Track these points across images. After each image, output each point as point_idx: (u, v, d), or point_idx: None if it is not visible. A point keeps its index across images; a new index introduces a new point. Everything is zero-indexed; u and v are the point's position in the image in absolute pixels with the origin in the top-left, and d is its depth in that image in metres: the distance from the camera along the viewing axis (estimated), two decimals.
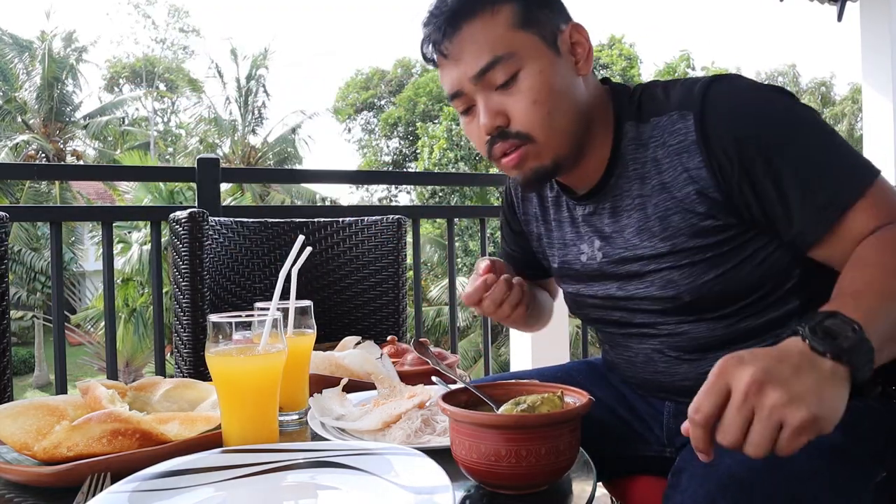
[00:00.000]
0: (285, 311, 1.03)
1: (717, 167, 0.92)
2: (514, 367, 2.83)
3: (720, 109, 0.93)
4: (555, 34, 1.00)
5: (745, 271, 0.96)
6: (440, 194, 19.64)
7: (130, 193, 15.58)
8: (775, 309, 0.98)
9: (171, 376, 1.52)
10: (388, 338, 1.53)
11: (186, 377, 1.57)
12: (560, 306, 1.33)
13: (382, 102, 27.70)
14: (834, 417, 0.67)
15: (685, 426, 0.70)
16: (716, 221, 0.95)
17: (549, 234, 1.19)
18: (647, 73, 22.87)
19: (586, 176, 1.06)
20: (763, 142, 0.90)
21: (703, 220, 0.95)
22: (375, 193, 26.05)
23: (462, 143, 19.74)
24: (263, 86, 23.91)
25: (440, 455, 0.78)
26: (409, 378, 1.20)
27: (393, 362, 1.32)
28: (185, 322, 1.73)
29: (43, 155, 20.32)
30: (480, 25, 0.98)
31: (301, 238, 1.00)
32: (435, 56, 1.02)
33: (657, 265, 1.00)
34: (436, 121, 22.06)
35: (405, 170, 25.30)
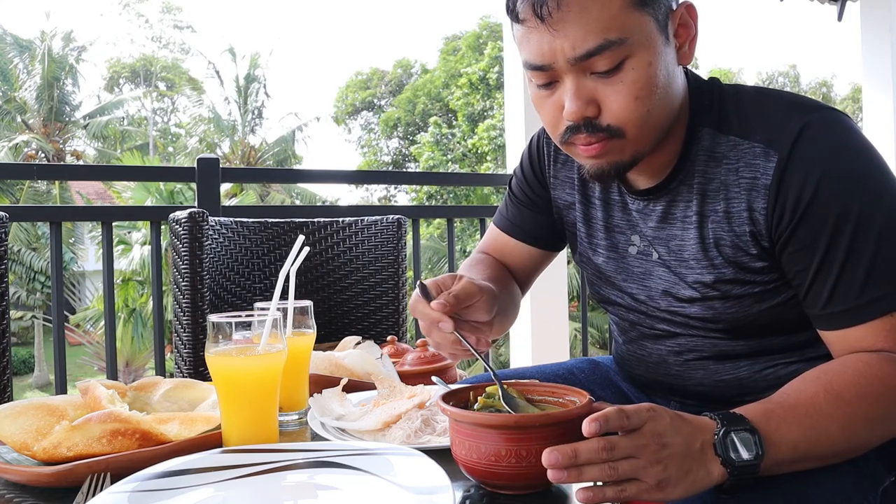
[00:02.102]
0: (285, 311, 1.03)
1: (779, 214, 0.87)
2: (514, 367, 2.83)
3: (808, 157, 0.85)
4: (667, 15, 0.88)
5: (790, 306, 0.93)
6: (436, 197, 19.70)
7: (128, 193, 15.58)
8: (808, 332, 0.94)
9: (171, 376, 1.52)
10: (388, 338, 1.53)
11: (186, 377, 1.57)
12: (560, 306, 1.32)
13: (382, 102, 27.75)
14: (667, 499, 0.71)
15: (595, 416, 0.70)
16: (765, 263, 0.91)
17: (586, 209, 1.10)
18: None
19: (650, 171, 0.97)
20: (834, 209, 0.83)
21: (753, 260, 0.91)
22: (375, 193, 26.08)
23: (452, 146, 19.81)
24: (263, 86, 23.92)
25: (440, 455, 0.78)
26: (409, 378, 1.20)
27: (393, 362, 1.32)
28: (185, 322, 1.73)
29: (43, 155, 20.33)
30: None
31: (301, 238, 0.99)
32: (527, 16, 0.86)
33: (702, 292, 0.95)
34: (425, 130, 22.17)
35: (404, 170, 25.34)
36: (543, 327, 2.77)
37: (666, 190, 0.97)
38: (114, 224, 2.22)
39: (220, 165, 2.19)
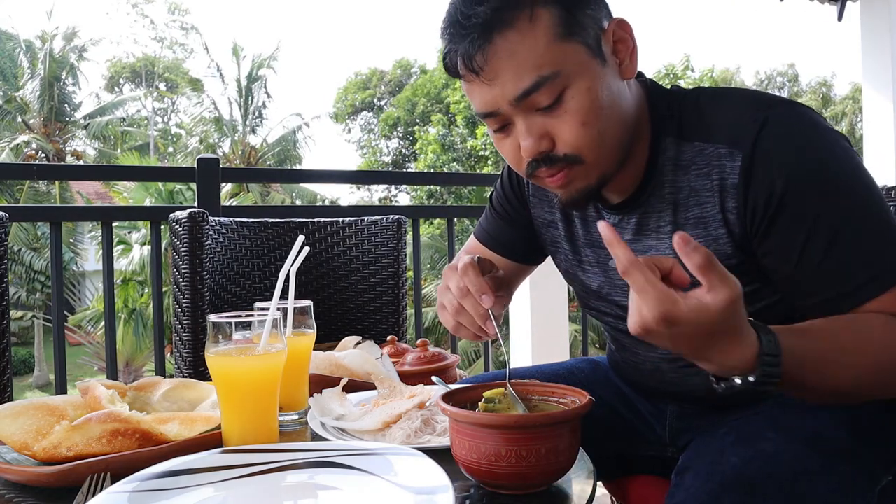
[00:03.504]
0: (285, 311, 1.03)
1: (751, 211, 0.87)
2: (514, 367, 2.83)
3: (770, 152, 0.86)
4: (598, 37, 0.89)
5: (776, 311, 0.93)
6: (436, 195, 19.71)
7: (127, 193, 15.57)
8: None
9: (171, 376, 1.52)
10: (388, 338, 1.53)
11: (186, 377, 1.57)
12: (560, 306, 1.32)
13: (382, 103, 27.75)
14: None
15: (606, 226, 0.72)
16: (742, 265, 0.90)
17: (568, 227, 1.11)
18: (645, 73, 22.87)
19: (620, 186, 0.98)
20: (809, 197, 0.84)
21: (730, 262, 0.91)
22: (376, 193, 26.07)
23: (457, 146, 19.81)
24: (265, 86, 23.89)
25: (440, 455, 0.78)
26: (409, 378, 1.20)
27: (393, 362, 1.32)
28: (185, 322, 1.73)
29: (43, 155, 20.32)
30: (518, 38, 0.85)
31: (301, 238, 0.99)
32: (463, 72, 0.89)
33: None
34: (429, 125, 22.17)
35: (404, 170, 25.34)
36: (543, 327, 2.77)
37: (637, 203, 0.98)
38: (114, 224, 2.22)
39: (220, 165, 2.19)
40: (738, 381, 0.74)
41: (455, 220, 2.77)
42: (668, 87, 0.99)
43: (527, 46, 0.85)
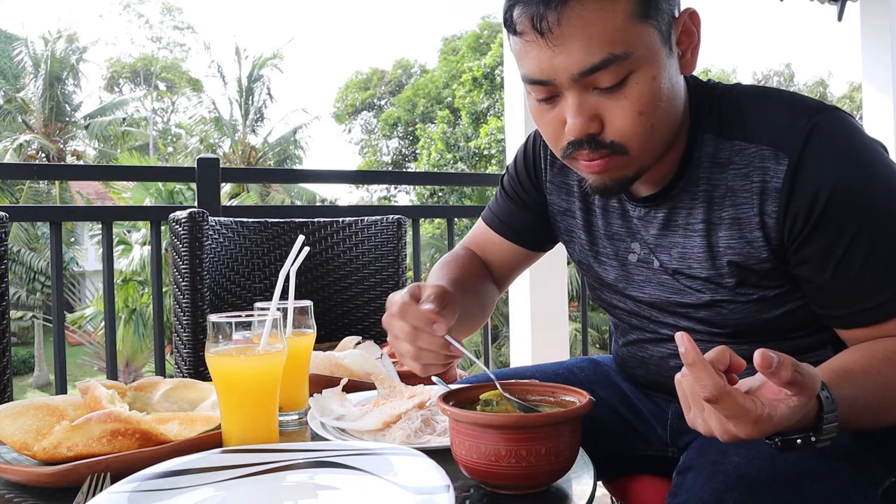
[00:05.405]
0: (285, 311, 1.03)
1: (793, 217, 0.86)
2: (514, 366, 2.83)
3: (818, 160, 0.84)
4: (670, 24, 0.86)
5: (798, 315, 0.93)
6: (439, 194, 19.70)
7: (128, 193, 15.58)
8: (811, 337, 0.95)
9: (171, 376, 1.52)
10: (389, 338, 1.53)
11: (186, 377, 1.57)
12: (560, 306, 1.31)
13: (382, 103, 27.76)
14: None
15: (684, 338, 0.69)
16: (774, 269, 0.90)
17: (587, 216, 1.09)
18: None
19: (651, 179, 0.96)
20: (852, 209, 0.83)
21: (762, 266, 0.90)
22: (375, 193, 26.08)
23: (460, 144, 19.78)
24: (266, 86, 23.88)
25: (440, 455, 0.78)
26: (409, 378, 1.20)
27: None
28: (185, 322, 1.73)
29: (43, 155, 20.33)
30: (596, 7, 0.80)
31: (301, 238, 0.99)
32: (526, 29, 0.83)
33: (707, 299, 0.95)
34: (433, 122, 22.17)
35: (405, 170, 25.35)
36: (543, 327, 2.77)
37: (667, 197, 0.96)
38: (114, 224, 2.22)
39: (221, 165, 2.19)
40: (799, 441, 0.73)
41: (455, 219, 2.77)
42: (706, 80, 0.98)
43: (603, 19, 0.80)
